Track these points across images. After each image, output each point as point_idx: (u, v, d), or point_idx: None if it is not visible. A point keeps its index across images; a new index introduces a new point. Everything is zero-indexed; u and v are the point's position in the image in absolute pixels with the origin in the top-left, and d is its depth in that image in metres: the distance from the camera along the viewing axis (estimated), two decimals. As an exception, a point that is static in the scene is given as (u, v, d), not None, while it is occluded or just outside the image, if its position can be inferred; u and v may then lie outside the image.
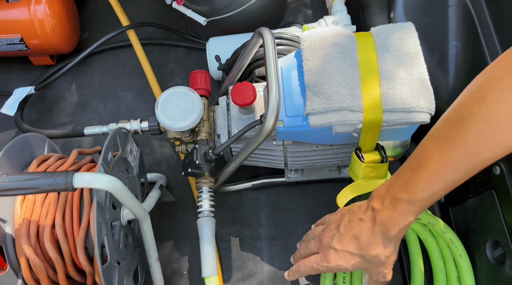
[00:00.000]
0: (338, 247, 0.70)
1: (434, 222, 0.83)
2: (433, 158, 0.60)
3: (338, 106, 0.73)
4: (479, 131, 0.56)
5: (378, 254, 0.67)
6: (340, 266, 0.71)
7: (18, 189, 0.62)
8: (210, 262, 0.88)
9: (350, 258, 0.70)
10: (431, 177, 0.60)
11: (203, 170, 0.88)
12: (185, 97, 0.85)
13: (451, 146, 0.58)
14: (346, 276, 0.83)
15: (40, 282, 0.74)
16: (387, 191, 0.65)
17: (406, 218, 0.64)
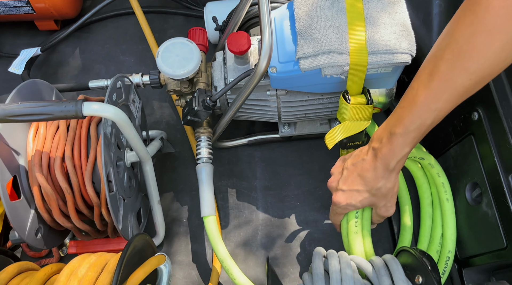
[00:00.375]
0: (345, 188, 0.78)
1: (425, 157, 0.89)
2: (418, 93, 0.67)
3: (327, 49, 0.79)
4: (449, 60, 0.62)
5: (381, 186, 0.74)
6: (350, 204, 0.78)
7: (32, 114, 0.68)
8: (208, 203, 0.94)
9: (357, 195, 0.77)
10: (418, 108, 0.67)
11: (201, 117, 0.93)
12: (184, 47, 0.91)
13: (430, 78, 0.65)
14: (358, 216, 0.84)
15: (51, 212, 0.80)
16: (384, 130, 0.73)
17: (402, 149, 0.71)
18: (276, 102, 0.98)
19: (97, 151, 0.80)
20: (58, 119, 0.69)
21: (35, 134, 0.80)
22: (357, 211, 0.82)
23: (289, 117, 1.03)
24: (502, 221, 0.84)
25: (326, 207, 1.08)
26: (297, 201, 1.09)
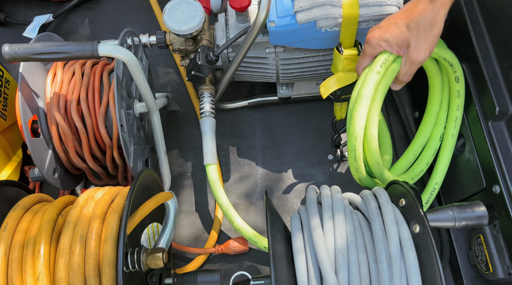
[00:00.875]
0: (383, 24, 0.78)
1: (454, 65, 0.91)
2: None
3: (322, 1, 0.86)
4: None
5: (421, 18, 0.72)
6: (383, 38, 0.76)
7: (53, 53, 0.75)
8: (211, 152, 1.01)
9: (394, 28, 0.75)
10: None
11: (204, 72, 1.00)
12: (189, 5, 0.97)
13: None
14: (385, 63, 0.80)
15: (67, 152, 0.87)
16: None
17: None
18: (275, 61, 1.05)
19: (109, 96, 0.87)
20: (76, 59, 0.76)
21: (52, 79, 0.87)
22: (387, 56, 0.79)
23: (287, 76, 1.10)
24: (482, 164, 0.91)
25: (322, 163, 1.15)
26: (294, 158, 1.16)
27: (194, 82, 1.10)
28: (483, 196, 0.91)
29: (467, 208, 0.76)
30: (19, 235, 0.70)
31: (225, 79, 1.06)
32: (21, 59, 0.75)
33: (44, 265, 0.64)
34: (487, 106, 0.90)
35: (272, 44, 1.00)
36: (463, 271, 1.01)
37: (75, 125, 0.85)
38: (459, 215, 0.75)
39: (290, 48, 1.02)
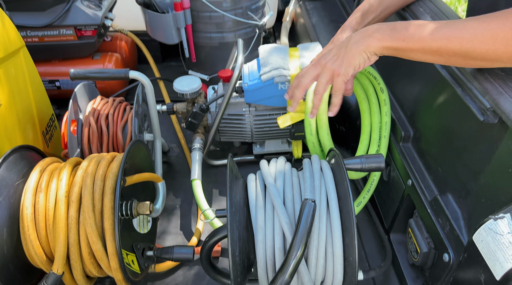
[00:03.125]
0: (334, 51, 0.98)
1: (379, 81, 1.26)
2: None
3: (276, 66, 1.34)
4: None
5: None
6: (323, 57, 0.99)
7: (99, 73, 1.18)
8: (197, 171, 1.32)
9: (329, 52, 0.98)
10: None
11: (198, 119, 1.40)
12: (191, 78, 1.45)
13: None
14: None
15: (91, 151, 1.20)
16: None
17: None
18: (250, 119, 1.46)
19: (128, 115, 1.26)
20: (113, 79, 1.18)
21: (93, 103, 1.28)
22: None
23: (259, 133, 1.48)
24: (400, 171, 1.20)
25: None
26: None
27: (190, 129, 1.48)
28: (405, 191, 1.16)
29: (371, 158, 1.01)
30: (47, 172, 0.97)
31: (212, 129, 1.45)
32: (80, 77, 1.18)
33: (67, 175, 0.91)
34: (397, 132, 1.25)
35: (247, 102, 1.43)
36: (405, 273, 1.16)
37: (101, 129, 1.21)
38: (365, 161, 1.00)
39: (261, 108, 1.45)
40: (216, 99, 1.42)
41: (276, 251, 0.84)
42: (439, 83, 1.04)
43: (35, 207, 0.88)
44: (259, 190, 0.91)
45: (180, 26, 1.67)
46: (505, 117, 0.77)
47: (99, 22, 1.73)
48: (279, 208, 0.84)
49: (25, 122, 1.22)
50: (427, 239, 1.05)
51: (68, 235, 0.86)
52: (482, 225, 0.75)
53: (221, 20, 1.73)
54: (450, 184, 1.01)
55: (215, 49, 1.82)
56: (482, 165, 0.88)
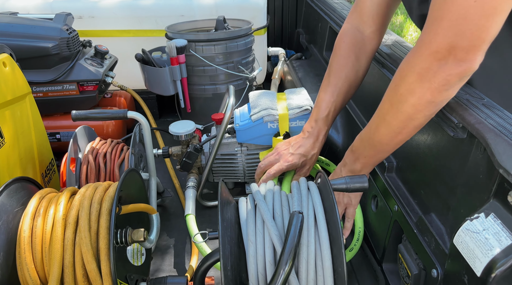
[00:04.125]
0: (292, 150, 1.24)
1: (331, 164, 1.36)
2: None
3: (265, 107, 1.44)
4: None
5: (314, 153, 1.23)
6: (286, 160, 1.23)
7: (100, 113, 1.27)
8: (191, 207, 1.35)
9: (297, 156, 1.23)
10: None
11: (192, 158, 1.47)
12: (186, 122, 1.55)
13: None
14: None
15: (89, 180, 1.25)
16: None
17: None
18: (242, 158, 1.53)
19: (125, 154, 1.32)
20: (113, 119, 1.27)
21: (92, 143, 1.35)
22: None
23: (251, 172, 1.54)
24: (386, 201, 1.25)
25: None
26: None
27: (184, 170, 1.53)
28: (392, 217, 1.20)
29: (355, 178, 1.05)
30: (45, 199, 1.02)
31: (206, 169, 1.51)
32: (82, 118, 1.26)
33: (65, 200, 0.96)
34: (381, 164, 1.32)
35: (239, 142, 1.51)
36: (400, 301, 1.15)
37: (99, 166, 1.26)
38: (350, 181, 1.04)
39: (252, 147, 1.52)
40: (210, 140, 1.50)
41: (267, 265, 0.86)
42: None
43: (33, 230, 0.91)
44: (249, 207, 0.95)
45: (176, 79, 1.81)
46: (471, 128, 0.85)
47: (101, 77, 1.86)
48: (268, 221, 0.87)
49: (26, 163, 1.28)
50: (416, 260, 1.07)
51: (63, 256, 0.88)
52: (460, 227, 0.79)
53: (214, 73, 1.87)
54: (432, 203, 1.05)
55: (209, 100, 1.94)
56: (457, 179, 0.94)
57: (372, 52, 1.20)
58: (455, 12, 0.72)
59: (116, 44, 2.21)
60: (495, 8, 0.70)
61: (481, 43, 0.74)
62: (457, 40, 0.74)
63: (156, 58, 1.92)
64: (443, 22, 0.75)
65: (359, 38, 1.18)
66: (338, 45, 1.21)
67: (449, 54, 0.76)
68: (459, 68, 0.77)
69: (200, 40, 1.79)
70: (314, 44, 2.61)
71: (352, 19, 1.20)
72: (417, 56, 0.82)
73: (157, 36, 2.29)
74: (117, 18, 2.24)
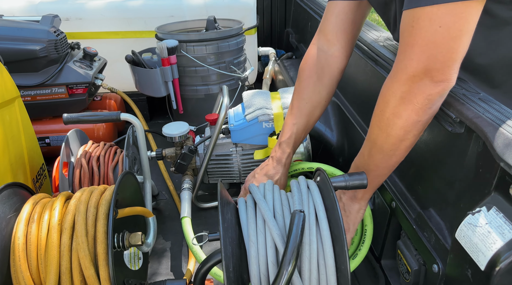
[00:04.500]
0: (257, 176, 1.22)
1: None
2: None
3: (260, 106, 1.43)
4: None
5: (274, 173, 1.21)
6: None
7: (92, 116, 1.24)
8: (186, 210, 1.34)
9: (264, 179, 1.21)
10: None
11: (187, 160, 1.45)
12: (179, 123, 1.53)
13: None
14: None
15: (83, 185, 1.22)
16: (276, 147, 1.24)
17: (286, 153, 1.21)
18: (237, 158, 1.52)
19: (119, 157, 1.30)
20: (106, 122, 1.24)
21: (84, 147, 1.32)
22: None
23: (246, 172, 1.53)
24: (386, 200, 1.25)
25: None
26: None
27: (179, 172, 1.51)
28: (390, 213, 1.20)
29: (354, 175, 1.04)
30: (39, 205, 0.99)
31: (201, 170, 1.49)
32: (74, 121, 1.24)
33: (59, 205, 0.93)
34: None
35: (233, 142, 1.49)
36: (400, 298, 1.16)
37: (92, 170, 1.24)
38: (349, 178, 1.04)
39: (247, 147, 1.51)
40: (204, 141, 1.48)
41: (270, 265, 0.85)
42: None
43: (27, 237, 0.89)
44: (250, 207, 0.94)
45: (167, 80, 1.78)
46: (469, 122, 0.85)
47: (90, 80, 1.83)
48: (269, 220, 0.86)
49: (17, 168, 1.25)
50: (416, 256, 1.07)
51: (60, 263, 0.86)
52: (462, 222, 0.79)
53: (206, 74, 1.85)
54: (430, 198, 1.05)
55: (201, 101, 1.92)
56: (456, 173, 0.94)
57: (338, 71, 1.17)
58: (424, 38, 0.76)
59: (104, 46, 2.18)
60: (461, 30, 0.74)
61: (453, 63, 0.78)
62: (430, 64, 0.77)
63: (146, 60, 1.90)
64: (414, 48, 0.78)
65: (323, 58, 1.16)
66: (301, 68, 1.20)
67: (425, 76, 0.79)
68: (438, 87, 0.80)
69: (191, 41, 1.77)
70: (304, 43, 2.61)
71: (317, 39, 1.18)
72: (395, 81, 0.84)
73: (147, 37, 2.26)
74: (105, 20, 2.21)
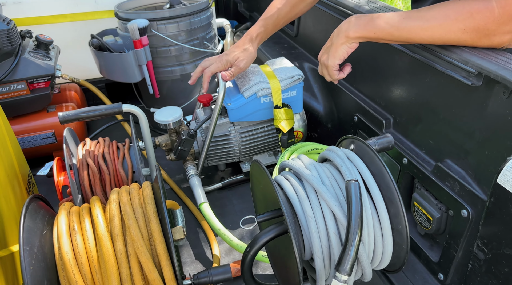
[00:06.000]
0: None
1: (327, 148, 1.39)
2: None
3: (257, 81, 1.40)
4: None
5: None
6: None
7: (92, 111, 1.14)
8: (201, 195, 1.30)
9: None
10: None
11: (187, 146, 1.40)
12: (171, 108, 1.45)
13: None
14: None
15: (94, 192, 1.14)
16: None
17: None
18: (236, 136, 1.49)
19: (125, 151, 1.22)
20: (108, 115, 1.15)
21: (83, 146, 1.21)
22: None
23: (246, 149, 1.51)
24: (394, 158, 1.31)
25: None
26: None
27: (180, 158, 1.45)
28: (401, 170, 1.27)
29: (382, 138, 1.09)
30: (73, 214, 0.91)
31: (202, 154, 1.45)
32: (71, 120, 1.12)
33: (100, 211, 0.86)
34: (377, 122, 1.37)
35: (231, 121, 1.46)
36: (420, 244, 1.25)
37: (100, 169, 1.15)
38: (377, 142, 1.08)
39: (245, 125, 1.49)
40: (203, 123, 1.43)
41: (332, 236, 0.87)
42: (415, 68, 1.18)
43: (75, 250, 0.82)
44: (295, 183, 0.94)
45: (141, 63, 1.67)
46: (493, 75, 0.91)
47: (53, 72, 1.66)
48: (325, 193, 0.88)
49: (13, 178, 1.12)
50: (437, 205, 1.15)
51: (119, 271, 0.81)
52: (504, 167, 0.87)
53: (179, 53, 1.76)
54: (445, 150, 1.13)
55: (177, 82, 1.84)
56: (475, 124, 1.02)
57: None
58: None
59: (51, 32, 1.96)
60: None
61: None
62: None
63: (110, 43, 1.75)
64: None
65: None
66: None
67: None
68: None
69: (162, 18, 1.66)
70: (258, 11, 2.57)
71: None
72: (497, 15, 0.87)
73: (99, 18, 2.08)
74: (49, 2, 1.98)
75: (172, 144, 1.49)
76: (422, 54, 1.13)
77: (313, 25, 1.77)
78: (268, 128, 1.51)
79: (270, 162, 1.58)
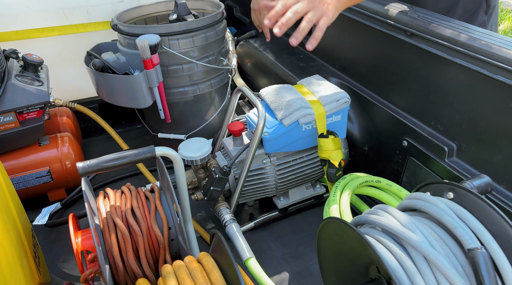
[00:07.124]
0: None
1: (380, 179, 1.22)
2: None
3: (299, 107, 1.20)
4: None
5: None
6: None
7: (119, 159, 0.92)
8: (245, 249, 1.10)
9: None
10: None
11: (221, 185, 1.19)
12: (198, 141, 1.24)
13: None
14: None
15: (126, 258, 0.91)
16: None
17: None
18: (272, 170, 1.29)
19: (156, 203, 0.99)
20: (138, 162, 0.93)
21: (103, 199, 0.98)
22: None
23: (283, 183, 1.32)
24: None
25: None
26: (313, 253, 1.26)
27: (211, 200, 1.24)
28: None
29: (478, 180, 0.92)
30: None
31: (236, 193, 1.24)
32: (93, 171, 0.89)
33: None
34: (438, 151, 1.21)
35: (268, 152, 1.26)
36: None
37: (130, 230, 0.93)
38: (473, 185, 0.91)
39: (281, 156, 1.29)
40: (237, 158, 1.22)
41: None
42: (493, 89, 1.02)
43: None
44: (396, 250, 0.76)
45: (153, 86, 1.44)
46: None
47: (47, 99, 1.40)
48: (447, 269, 0.69)
49: (18, 247, 0.88)
50: None
51: None
52: None
53: (193, 71, 1.54)
54: None
55: (190, 103, 1.62)
56: None
57: None
58: None
59: (36, 48, 1.70)
60: None
61: None
62: None
63: (111, 62, 1.51)
64: None
65: None
66: None
67: None
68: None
69: (175, 33, 1.43)
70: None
71: None
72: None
73: (92, 31, 1.83)
74: (33, 13, 1.72)
75: (199, 181, 1.27)
76: (504, 75, 0.97)
77: (337, 34, 1.59)
78: (307, 158, 1.31)
79: (308, 195, 1.39)
